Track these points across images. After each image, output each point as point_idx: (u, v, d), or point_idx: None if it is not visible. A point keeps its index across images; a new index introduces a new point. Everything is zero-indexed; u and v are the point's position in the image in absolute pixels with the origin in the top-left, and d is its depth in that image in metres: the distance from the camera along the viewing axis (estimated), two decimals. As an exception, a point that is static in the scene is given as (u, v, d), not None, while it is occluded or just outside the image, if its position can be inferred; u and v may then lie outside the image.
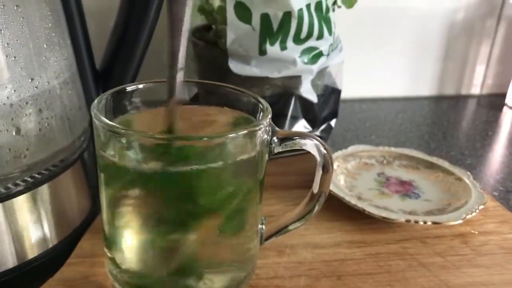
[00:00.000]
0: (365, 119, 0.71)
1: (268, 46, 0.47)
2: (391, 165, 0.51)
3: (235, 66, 0.48)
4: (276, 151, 0.30)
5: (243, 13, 0.46)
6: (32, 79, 0.31)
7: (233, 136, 0.27)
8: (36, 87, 0.31)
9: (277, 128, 0.30)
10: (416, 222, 0.40)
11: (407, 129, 0.68)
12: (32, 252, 0.34)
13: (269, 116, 0.29)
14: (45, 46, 0.32)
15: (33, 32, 0.31)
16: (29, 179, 0.32)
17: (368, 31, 0.75)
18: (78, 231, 0.37)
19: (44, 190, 0.33)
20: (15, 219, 0.32)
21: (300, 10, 0.47)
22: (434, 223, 0.40)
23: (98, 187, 0.30)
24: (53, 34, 0.34)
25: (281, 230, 0.33)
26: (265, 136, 0.29)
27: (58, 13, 0.35)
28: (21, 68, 0.30)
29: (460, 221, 0.40)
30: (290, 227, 0.33)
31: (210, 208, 0.28)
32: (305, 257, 0.37)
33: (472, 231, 0.42)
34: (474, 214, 0.41)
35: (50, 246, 0.35)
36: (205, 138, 0.26)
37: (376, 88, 0.80)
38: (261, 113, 0.30)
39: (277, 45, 0.48)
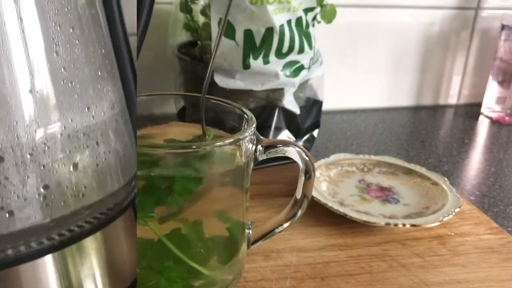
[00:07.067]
0: (346, 129, 0.73)
1: (251, 60, 0.49)
2: (371, 172, 0.53)
3: (220, 80, 0.50)
4: (261, 158, 0.32)
5: (227, 29, 0.48)
6: (88, 108, 0.27)
7: (220, 144, 0.28)
8: (93, 117, 0.27)
9: (261, 137, 0.32)
10: (396, 225, 0.42)
11: (387, 138, 0.70)
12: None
13: (254, 125, 0.30)
14: (99, 74, 0.28)
15: (88, 57, 0.27)
16: (84, 224, 0.27)
17: (348, 44, 0.77)
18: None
19: (98, 237, 0.27)
20: (67, 271, 0.26)
21: (282, 26, 0.49)
22: (412, 225, 0.42)
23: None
24: (106, 61, 0.29)
25: (267, 234, 0.35)
26: (251, 144, 0.31)
27: (106, 41, 0.30)
28: (77, 95, 0.26)
29: (438, 223, 0.42)
30: (276, 231, 0.35)
31: (199, 214, 0.30)
32: (291, 260, 0.39)
33: (449, 233, 0.44)
34: (450, 216, 0.43)
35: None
36: (193, 146, 0.28)
37: (356, 99, 0.82)
38: (246, 123, 0.32)
39: (260, 59, 0.50)
